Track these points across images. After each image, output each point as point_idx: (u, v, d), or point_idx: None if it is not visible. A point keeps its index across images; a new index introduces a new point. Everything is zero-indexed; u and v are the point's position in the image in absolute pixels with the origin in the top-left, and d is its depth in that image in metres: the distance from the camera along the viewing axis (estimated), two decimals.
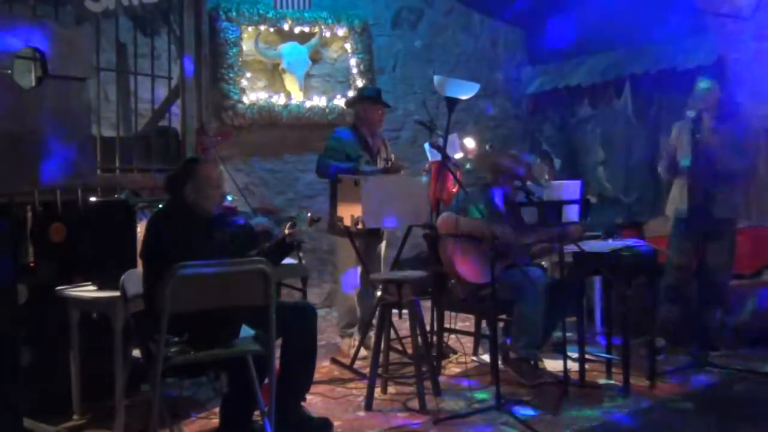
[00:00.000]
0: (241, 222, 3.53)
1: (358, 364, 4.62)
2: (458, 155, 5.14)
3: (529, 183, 4.42)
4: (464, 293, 4.30)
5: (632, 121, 6.89)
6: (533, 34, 8.07)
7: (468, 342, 4.93)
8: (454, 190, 4.75)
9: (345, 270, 4.97)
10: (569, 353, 4.04)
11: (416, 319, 3.95)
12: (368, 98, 5.00)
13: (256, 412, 3.27)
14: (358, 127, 4.96)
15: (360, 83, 6.69)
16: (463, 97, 4.84)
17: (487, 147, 5.52)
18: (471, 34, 7.82)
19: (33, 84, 3.95)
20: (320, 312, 4.40)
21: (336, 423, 3.63)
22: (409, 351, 4.21)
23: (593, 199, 6.43)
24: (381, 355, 3.96)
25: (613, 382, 4.22)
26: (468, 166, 5.05)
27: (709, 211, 4.52)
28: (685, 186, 4.68)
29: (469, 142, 5.36)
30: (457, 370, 4.62)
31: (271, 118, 6.40)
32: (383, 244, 5.05)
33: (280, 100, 6.45)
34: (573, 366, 4.16)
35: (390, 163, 4.92)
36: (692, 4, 5.84)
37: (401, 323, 4.59)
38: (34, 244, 3.95)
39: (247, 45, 6.36)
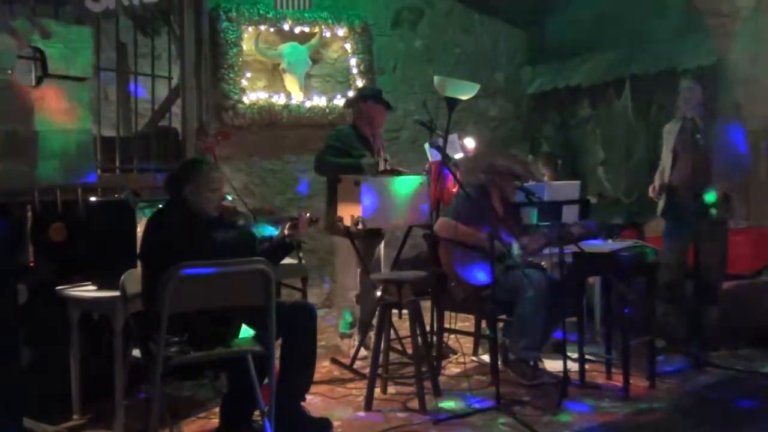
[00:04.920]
0: (242, 224, 3.53)
1: (358, 364, 4.62)
2: (458, 155, 5.13)
3: (529, 183, 4.41)
4: (464, 294, 4.30)
5: (632, 122, 6.89)
6: (533, 34, 8.07)
7: (468, 342, 4.93)
8: (454, 190, 4.75)
9: (344, 270, 4.96)
10: (569, 353, 4.04)
11: (416, 319, 3.96)
12: (371, 97, 5.00)
13: (256, 412, 3.28)
14: (359, 126, 4.95)
15: (360, 83, 6.69)
16: (463, 98, 4.84)
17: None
18: (471, 34, 7.82)
19: (33, 84, 3.95)
20: (320, 312, 4.40)
21: (336, 423, 3.63)
22: (409, 351, 4.21)
23: (593, 200, 6.45)
24: (381, 355, 3.96)
25: (613, 382, 4.23)
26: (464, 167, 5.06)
27: (700, 213, 4.52)
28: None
29: (469, 142, 5.35)
30: (457, 370, 4.62)
31: (271, 118, 6.40)
32: (381, 245, 5.05)
33: (280, 100, 6.45)
34: (573, 366, 4.16)
35: (386, 163, 4.93)
36: (692, 4, 5.84)
37: (401, 323, 4.59)
38: (34, 244, 3.95)
39: (247, 45, 6.36)
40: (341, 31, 6.75)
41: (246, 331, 3.30)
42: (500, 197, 4.47)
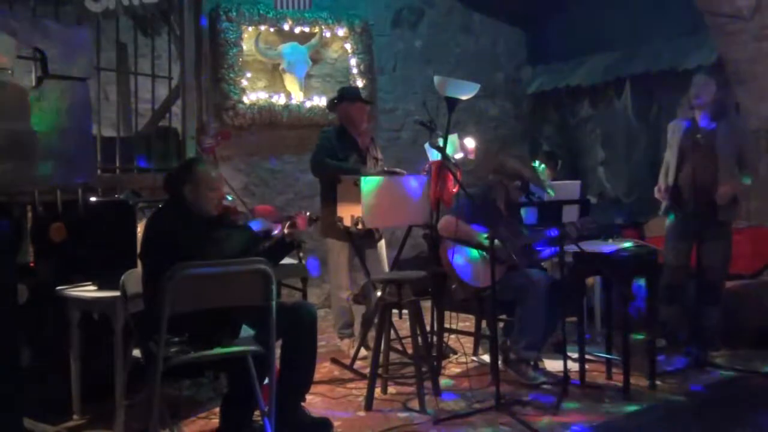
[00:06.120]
0: (242, 223, 3.52)
1: (358, 364, 4.62)
2: (458, 155, 5.13)
3: (531, 186, 4.41)
4: (464, 294, 4.30)
5: (632, 121, 6.90)
6: (533, 34, 8.08)
7: (468, 342, 4.93)
8: (454, 190, 4.75)
9: (337, 272, 4.96)
10: (569, 353, 4.04)
11: (416, 319, 3.95)
12: (348, 98, 5.01)
13: (256, 412, 3.28)
14: (345, 127, 4.96)
15: (360, 83, 6.69)
16: (463, 98, 4.83)
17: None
18: (471, 34, 7.82)
19: (33, 84, 3.95)
20: (320, 312, 4.40)
21: (336, 423, 3.63)
22: (409, 351, 4.21)
23: (593, 200, 6.45)
24: (381, 355, 3.96)
25: (613, 382, 4.23)
26: (472, 166, 5.06)
27: (705, 213, 4.51)
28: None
29: (469, 142, 5.35)
30: (457, 370, 4.62)
31: (271, 118, 6.40)
32: (382, 244, 5.05)
33: (280, 100, 6.45)
34: (573, 366, 4.16)
35: (379, 162, 4.95)
36: (692, 4, 5.84)
37: (401, 323, 4.59)
38: (34, 244, 3.95)
39: (247, 45, 6.36)
40: (341, 31, 6.75)
41: (246, 331, 3.30)
42: (505, 198, 4.47)
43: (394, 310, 4.16)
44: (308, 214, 3.64)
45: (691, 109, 4.61)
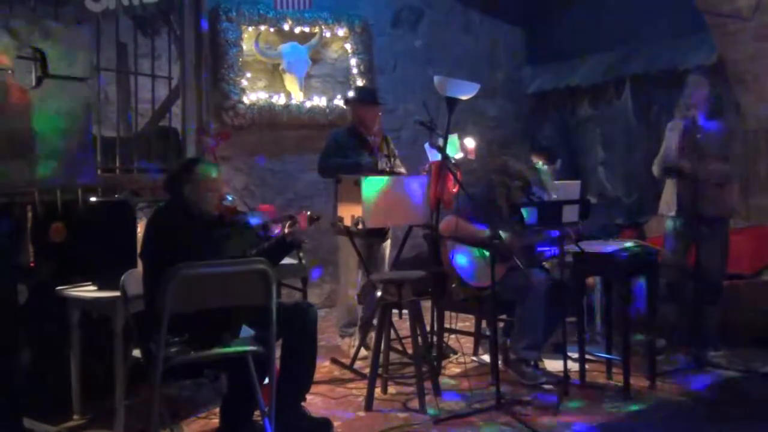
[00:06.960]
0: (240, 220, 3.52)
1: (358, 364, 4.63)
2: (458, 155, 5.13)
3: (534, 188, 4.42)
4: (464, 294, 4.30)
5: (632, 121, 6.90)
6: (533, 34, 8.08)
7: (468, 342, 4.93)
8: (454, 190, 4.75)
9: (346, 269, 4.98)
10: (569, 353, 4.04)
11: (416, 319, 3.95)
12: (360, 100, 5.07)
13: (256, 412, 3.28)
14: (356, 127, 5.00)
15: (360, 83, 6.69)
16: (463, 97, 4.84)
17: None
18: (471, 34, 7.82)
19: (33, 84, 3.95)
20: (320, 312, 4.40)
21: (336, 423, 3.63)
22: (409, 351, 4.21)
23: (593, 200, 6.44)
24: (381, 355, 3.96)
25: (613, 382, 4.22)
26: (474, 166, 5.06)
27: (699, 211, 4.51)
28: (675, 185, 4.70)
29: (469, 142, 5.35)
30: (457, 370, 4.62)
31: (271, 118, 6.40)
32: (387, 243, 5.05)
33: (280, 100, 6.45)
34: (573, 366, 4.16)
35: (393, 159, 4.96)
36: (692, 4, 5.84)
37: (401, 323, 4.59)
38: (34, 244, 3.95)
39: (247, 45, 6.36)
40: (341, 31, 6.75)
41: (246, 331, 3.30)
42: (507, 198, 4.47)
43: (394, 310, 4.16)
44: (308, 213, 3.64)
45: (687, 109, 4.62)
